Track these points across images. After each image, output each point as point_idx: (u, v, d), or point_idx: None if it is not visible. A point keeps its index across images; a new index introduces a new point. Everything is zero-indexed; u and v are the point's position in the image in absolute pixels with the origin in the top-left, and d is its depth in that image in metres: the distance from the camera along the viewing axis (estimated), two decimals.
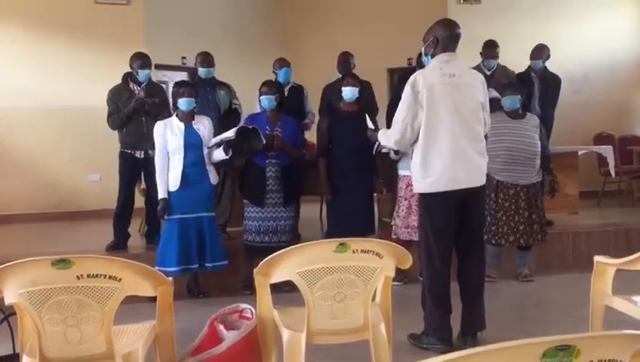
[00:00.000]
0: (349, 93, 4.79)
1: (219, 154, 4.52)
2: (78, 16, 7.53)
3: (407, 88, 3.41)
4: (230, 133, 4.46)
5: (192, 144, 4.49)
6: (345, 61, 5.73)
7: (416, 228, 4.75)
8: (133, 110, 5.04)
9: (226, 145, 4.44)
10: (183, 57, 8.06)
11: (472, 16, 7.59)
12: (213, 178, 4.62)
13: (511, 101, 4.79)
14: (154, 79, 5.57)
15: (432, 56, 3.49)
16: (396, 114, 3.49)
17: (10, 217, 7.22)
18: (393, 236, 4.74)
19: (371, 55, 7.42)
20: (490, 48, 5.64)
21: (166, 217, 4.51)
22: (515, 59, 6.11)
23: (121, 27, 7.51)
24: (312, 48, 9.02)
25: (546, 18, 8.10)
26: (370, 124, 4.59)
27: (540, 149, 4.82)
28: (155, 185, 4.55)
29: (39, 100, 7.44)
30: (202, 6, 8.61)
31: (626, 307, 2.82)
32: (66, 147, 7.54)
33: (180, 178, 4.45)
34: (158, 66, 7.93)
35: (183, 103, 4.49)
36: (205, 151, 4.54)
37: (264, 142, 4.57)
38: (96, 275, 2.21)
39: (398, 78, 5.97)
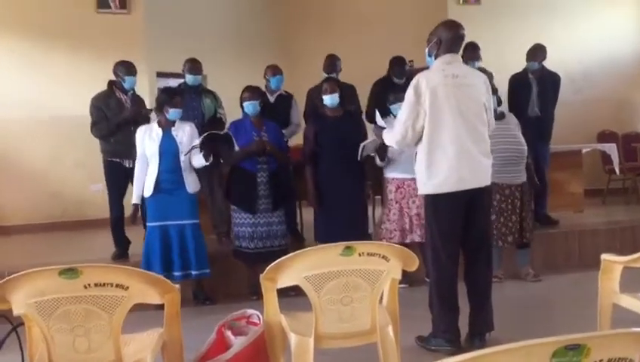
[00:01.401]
0: (329, 100, 4.78)
1: (199, 160, 4.51)
2: (78, 25, 7.55)
3: (410, 90, 3.41)
4: (197, 141, 4.44)
5: (168, 150, 4.48)
6: (331, 63, 5.71)
7: (409, 230, 4.74)
8: (125, 120, 5.01)
9: (206, 151, 4.43)
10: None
11: (471, 17, 7.57)
12: (193, 186, 4.58)
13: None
14: (156, 87, 5.59)
15: (436, 57, 3.49)
16: (398, 115, 3.50)
17: (15, 228, 7.23)
18: (382, 239, 4.69)
19: (371, 58, 7.42)
20: (472, 51, 5.63)
21: (148, 224, 4.51)
22: (515, 59, 6.10)
23: (121, 36, 7.53)
24: (311, 54, 8.98)
25: (546, 18, 8.09)
26: (379, 122, 4.58)
27: (526, 147, 4.84)
28: None
29: (40, 110, 7.45)
30: (202, 14, 8.63)
31: (634, 304, 2.81)
32: (68, 156, 7.55)
33: (153, 184, 4.46)
34: (160, 74, 7.96)
35: (174, 114, 4.50)
36: (182, 158, 4.51)
37: (236, 147, 4.55)
38: (104, 284, 2.22)
39: (374, 84, 5.97)
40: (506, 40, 7.65)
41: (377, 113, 4.83)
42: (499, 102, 4.88)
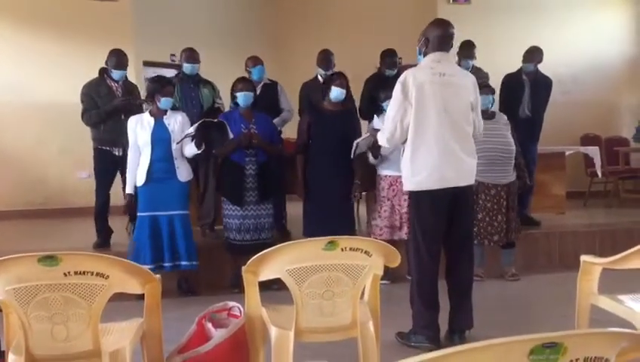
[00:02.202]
0: (337, 93, 4.74)
1: (191, 149, 4.50)
2: (66, 12, 7.47)
3: (398, 86, 3.42)
4: (191, 130, 4.43)
5: (160, 139, 4.47)
6: (327, 58, 5.68)
7: (399, 228, 4.77)
8: (115, 108, 4.98)
9: (198, 139, 4.42)
10: (172, 55, 7.99)
11: (461, 17, 7.57)
12: (185, 175, 4.58)
13: (484, 100, 4.80)
14: (144, 76, 5.54)
15: (425, 56, 3.50)
16: (387, 112, 3.51)
17: None
18: (372, 236, 4.71)
19: (361, 55, 7.42)
20: (467, 49, 5.65)
21: (138, 214, 4.49)
22: (504, 59, 6.14)
23: (109, 24, 7.46)
24: (301, 47, 8.99)
25: (535, 19, 8.14)
26: (376, 124, 4.58)
27: (514, 148, 4.87)
28: None
29: (26, 96, 7.38)
30: (191, 3, 8.57)
31: (612, 306, 2.84)
32: (53, 143, 7.48)
33: (146, 173, 4.45)
34: (146, 63, 7.90)
35: (165, 103, 4.48)
36: (174, 146, 4.49)
37: (231, 134, 4.53)
38: (84, 272, 2.20)
39: (366, 80, 5.97)
40: (496, 39, 7.68)
41: (375, 117, 4.84)
42: (493, 103, 4.90)
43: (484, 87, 5.00)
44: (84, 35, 7.40)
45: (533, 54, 5.87)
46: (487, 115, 4.82)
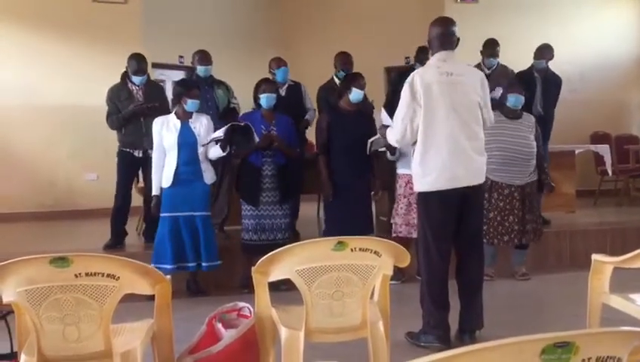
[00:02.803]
0: (357, 95, 4.71)
1: (216, 151, 4.51)
2: (75, 14, 7.52)
3: (406, 87, 3.41)
4: (219, 133, 4.44)
5: (187, 142, 4.48)
6: (348, 61, 5.68)
7: (416, 225, 4.76)
8: (133, 113, 5.04)
9: (224, 142, 4.43)
10: (180, 56, 8.03)
11: (468, 15, 7.60)
12: (209, 177, 4.61)
13: (515, 99, 4.78)
14: (152, 78, 5.57)
15: (432, 55, 3.50)
16: (396, 113, 3.50)
17: (7, 216, 7.20)
18: (394, 234, 4.71)
19: (369, 54, 7.43)
20: (490, 47, 5.64)
21: (161, 214, 4.51)
22: (512, 57, 6.11)
23: (118, 26, 7.51)
24: (310, 47, 9.02)
25: (542, 17, 8.11)
26: (385, 120, 4.57)
27: (535, 149, 4.83)
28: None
29: (36, 99, 7.43)
30: (200, 5, 8.60)
31: (624, 305, 2.83)
32: (63, 146, 7.52)
33: (172, 175, 4.46)
34: (155, 65, 7.92)
35: (192, 105, 4.50)
36: (200, 149, 4.52)
37: (257, 138, 4.54)
38: (95, 274, 2.21)
39: (395, 75, 5.96)
40: (503, 38, 7.58)
41: (383, 111, 4.83)
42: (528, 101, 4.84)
43: (516, 86, 4.96)
44: (92, 38, 7.44)
45: (544, 51, 5.86)
46: (515, 114, 4.80)
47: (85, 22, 7.51)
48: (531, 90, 5.80)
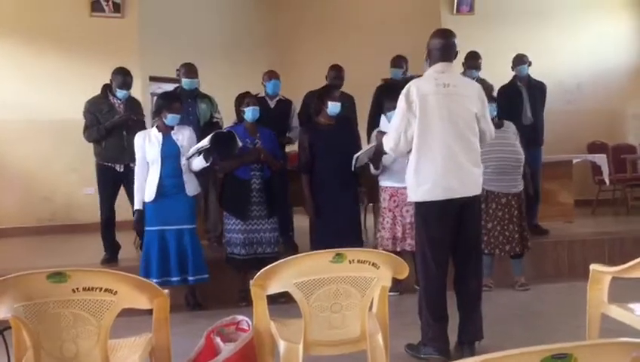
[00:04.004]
0: (334, 107, 4.75)
1: (199, 163, 4.51)
2: (72, 28, 7.54)
3: (402, 97, 3.43)
4: (205, 142, 4.44)
5: (170, 154, 4.49)
6: (338, 76, 5.71)
7: (402, 239, 4.76)
8: (114, 125, 5.02)
9: (206, 152, 4.43)
10: (177, 70, 8.07)
11: (465, 27, 7.63)
12: (192, 189, 4.59)
13: (492, 108, 4.80)
14: (149, 91, 5.58)
15: (430, 66, 3.52)
16: (391, 122, 3.52)
17: (4, 231, 7.19)
18: (379, 248, 4.69)
19: (365, 65, 7.46)
20: (472, 59, 5.67)
21: (146, 228, 4.50)
22: (508, 69, 6.13)
23: (115, 40, 7.53)
24: (306, 59, 9.06)
25: (539, 28, 8.16)
26: (382, 125, 4.57)
27: (523, 156, 4.86)
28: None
29: (33, 113, 7.43)
30: (196, 19, 8.64)
31: (622, 315, 2.82)
32: (60, 160, 7.52)
33: (155, 189, 4.46)
34: (152, 78, 7.95)
35: (172, 119, 4.50)
36: (183, 161, 4.51)
37: (240, 144, 4.54)
38: (92, 288, 2.20)
39: (377, 89, 5.98)
40: (499, 50, 7.65)
41: (383, 117, 4.85)
42: (498, 113, 4.89)
43: (489, 96, 5.00)
44: (90, 52, 7.46)
45: (521, 57, 5.90)
46: (495, 123, 4.81)
47: (82, 36, 7.53)
48: (517, 100, 5.85)
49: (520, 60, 5.91)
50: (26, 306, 2.16)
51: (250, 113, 4.78)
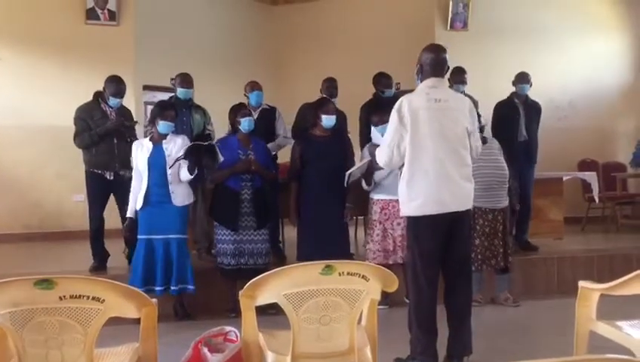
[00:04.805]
0: (329, 121, 4.77)
1: (184, 174, 4.50)
2: (67, 36, 7.54)
3: (394, 112, 3.45)
4: (180, 153, 4.43)
5: (156, 164, 4.49)
6: (330, 87, 5.75)
7: (393, 251, 4.76)
8: (107, 130, 5.01)
9: (191, 164, 4.43)
10: (172, 79, 8.08)
11: (458, 43, 7.71)
12: (181, 199, 4.57)
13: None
14: (142, 100, 5.57)
15: (422, 82, 3.54)
16: (384, 137, 3.53)
17: None
18: (368, 261, 4.69)
19: (359, 80, 7.47)
20: (459, 74, 5.71)
21: (137, 236, 4.51)
22: (501, 85, 6.19)
23: (110, 48, 7.53)
24: (301, 72, 9.10)
25: (532, 45, 8.23)
26: (374, 138, 4.57)
27: (507, 172, 4.89)
28: (124, 205, 4.65)
29: (25, 119, 7.41)
30: (192, 28, 8.66)
31: (611, 332, 2.83)
32: (51, 166, 7.48)
33: (143, 197, 4.48)
34: (146, 87, 7.95)
35: (163, 127, 4.51)
36: (169, 171, 4.50)
37: (221, 157, 4.51)
38: (79, 296, 2.18)
39: (361, 107, 6.00)
40: (492, 66, 7.77)
41: (373, 129, 4.87)
42: (481, 129, 4.92)
43: None
44: (85, 60, 7.46)
45: (526, 76, 5.94)
46: (484, 139, 4.84)
47: (78, 44, 7.53)
48: (514, 117, 5.88)
49: (524, 79, 5.94)
50: (12, 313, 2.14)
51: (246, 123, 4.79)
